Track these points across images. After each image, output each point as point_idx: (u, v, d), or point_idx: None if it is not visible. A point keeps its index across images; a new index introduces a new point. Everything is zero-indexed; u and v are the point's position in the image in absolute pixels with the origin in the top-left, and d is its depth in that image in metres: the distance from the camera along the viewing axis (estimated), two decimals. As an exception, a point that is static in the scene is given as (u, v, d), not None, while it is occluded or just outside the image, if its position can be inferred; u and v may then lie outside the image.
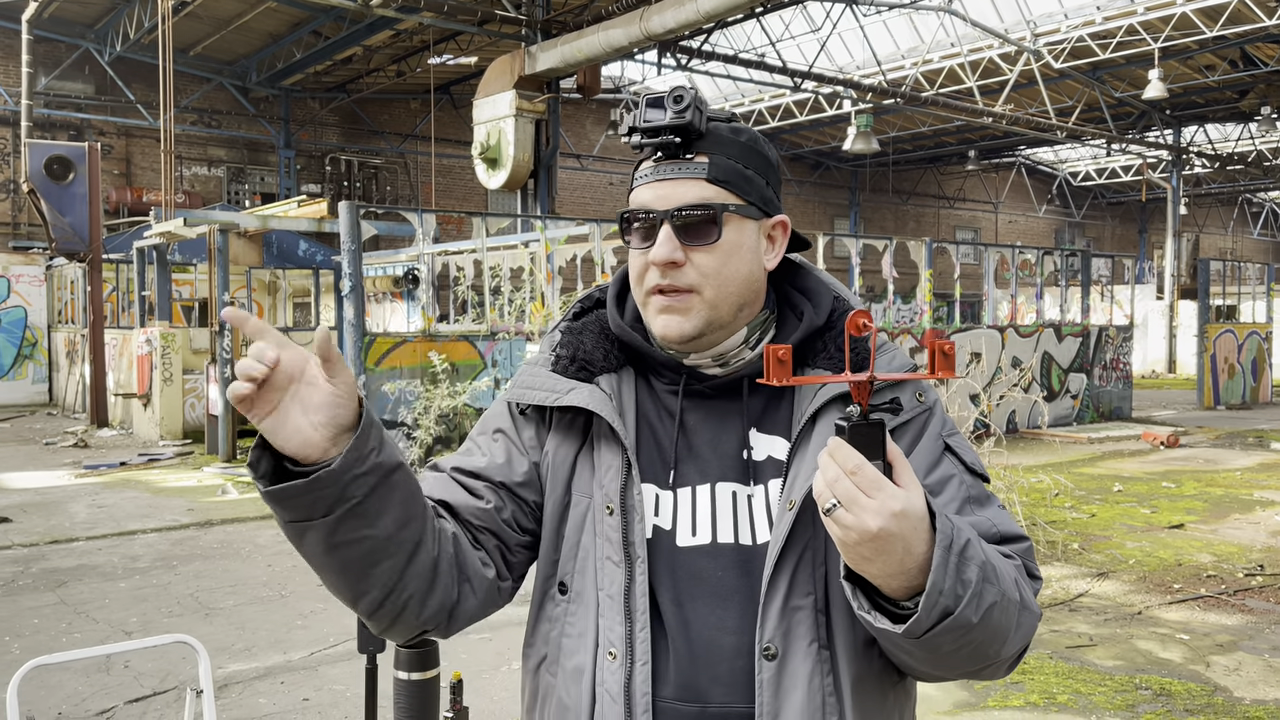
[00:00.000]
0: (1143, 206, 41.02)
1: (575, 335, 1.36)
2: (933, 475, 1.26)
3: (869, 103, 23.75)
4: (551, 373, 1.33)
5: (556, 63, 14.89)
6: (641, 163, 1.28)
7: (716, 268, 1.23)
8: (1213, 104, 26.54)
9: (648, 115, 1.22)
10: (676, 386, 1.31)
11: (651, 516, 1.27)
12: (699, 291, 1.23)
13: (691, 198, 1.22)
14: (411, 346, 9.69)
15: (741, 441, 1.28)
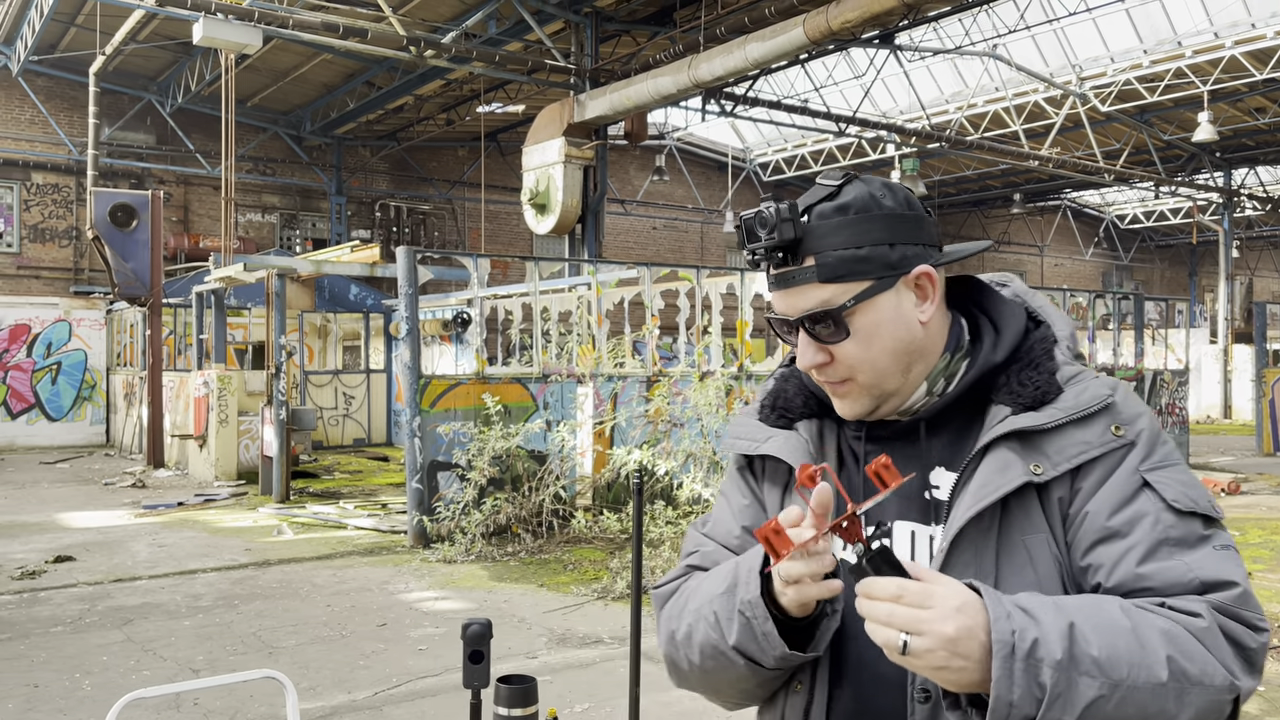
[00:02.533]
0: (1192, 249, 40.48)
1: (782, 382, 1.43)
2: (1119, 515, 1.20)
3: (913, 147, 23.81)
4: (758, 421, 1.41)
5: (605, 110, 15.14)
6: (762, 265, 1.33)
7: (860, 355, 1.25)
8: (1264, 146, 26.25)
9: (750, 239, 1.27)
10: (861, 432, 1.36)
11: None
12: (852, 379, 1.27)
13: (810, 305, 1.25)
14: (465, 389, 9.79)
15: (924, 481, 1.30)
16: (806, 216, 1.24)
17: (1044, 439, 1.22)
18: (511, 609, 7.10)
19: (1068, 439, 1.22)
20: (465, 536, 8.89)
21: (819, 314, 1.24)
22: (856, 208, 1.25)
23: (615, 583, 7.46)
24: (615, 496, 10.01)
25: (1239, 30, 19.87)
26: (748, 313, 11.51)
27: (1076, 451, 1.21)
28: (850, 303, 1.24)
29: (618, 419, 10.01)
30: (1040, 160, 22.72)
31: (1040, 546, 1.21)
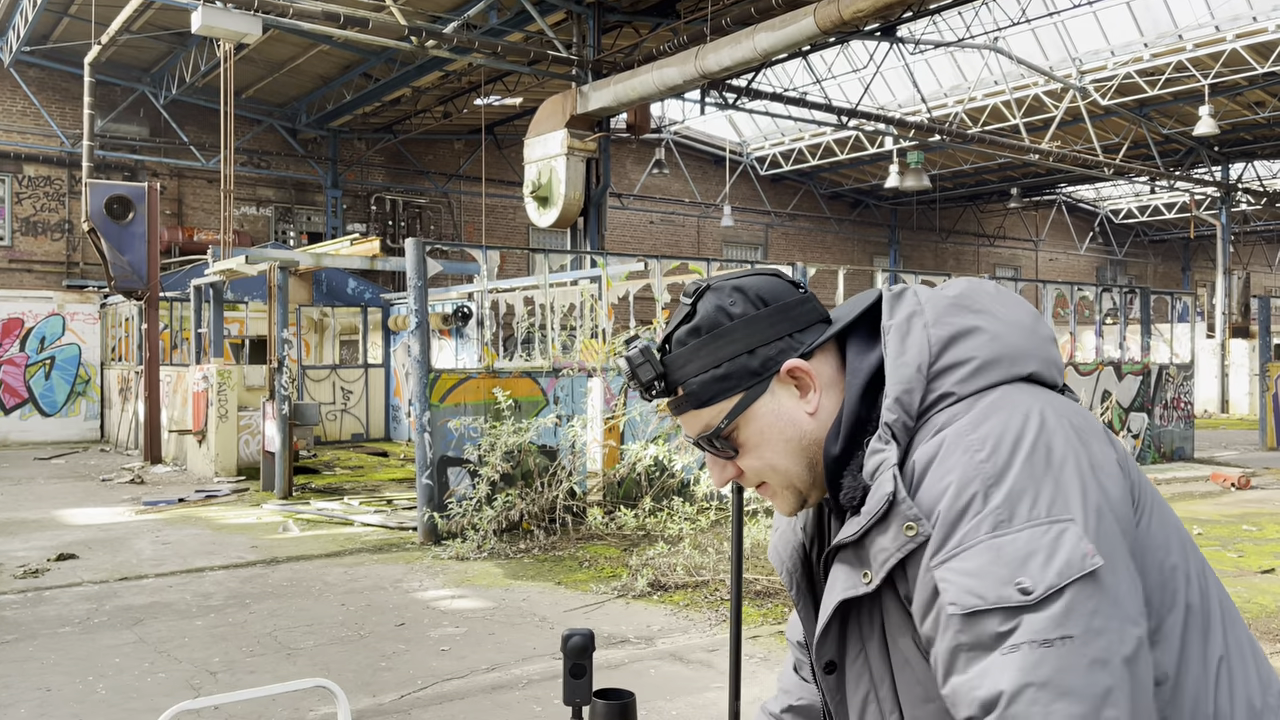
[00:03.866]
0: (1185, 244, 40.57)
1: None
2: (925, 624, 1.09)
3: (912, 140, 23.72)
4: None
5: (609, 102, 14.97)
6: None
7: (758, 464, 1.26)
8: (1261, 140, 26.26)
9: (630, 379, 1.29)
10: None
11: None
12: (766, 484, 1.27)
13: (695, 430, 1.27)
14: (475, 383, 9.64)
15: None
16: (668, 346, 1.24)
17: (863, 546, 1.15)
18: (531, 608, 6.96)
19: (875, 546, 1.13)
20: (477, 533, 8.74)
21: (706, 437, 1.26)
22: (706, 327, 1.23)
23: (635, 580, 7.33)
24: (627, 492, 9.87)
25: (1240, 23, 19.83)
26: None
27: (883, 559, 1.12)
28: (724, 423, 1.24)
29: (630, 413, 9.86)
30: (1040, 154, 22.65)
31: (909, 647, 1.16)
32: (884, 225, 35.42)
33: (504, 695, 5.18)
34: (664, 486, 9.59)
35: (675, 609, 6.84)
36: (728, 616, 6.61)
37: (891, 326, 1.19)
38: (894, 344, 1.17)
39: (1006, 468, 1.04)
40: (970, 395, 1.13)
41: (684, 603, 6.97)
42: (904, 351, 1.16)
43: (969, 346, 1.15)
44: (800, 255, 32.61)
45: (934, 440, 1.10)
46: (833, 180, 32.49)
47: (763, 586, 7.18)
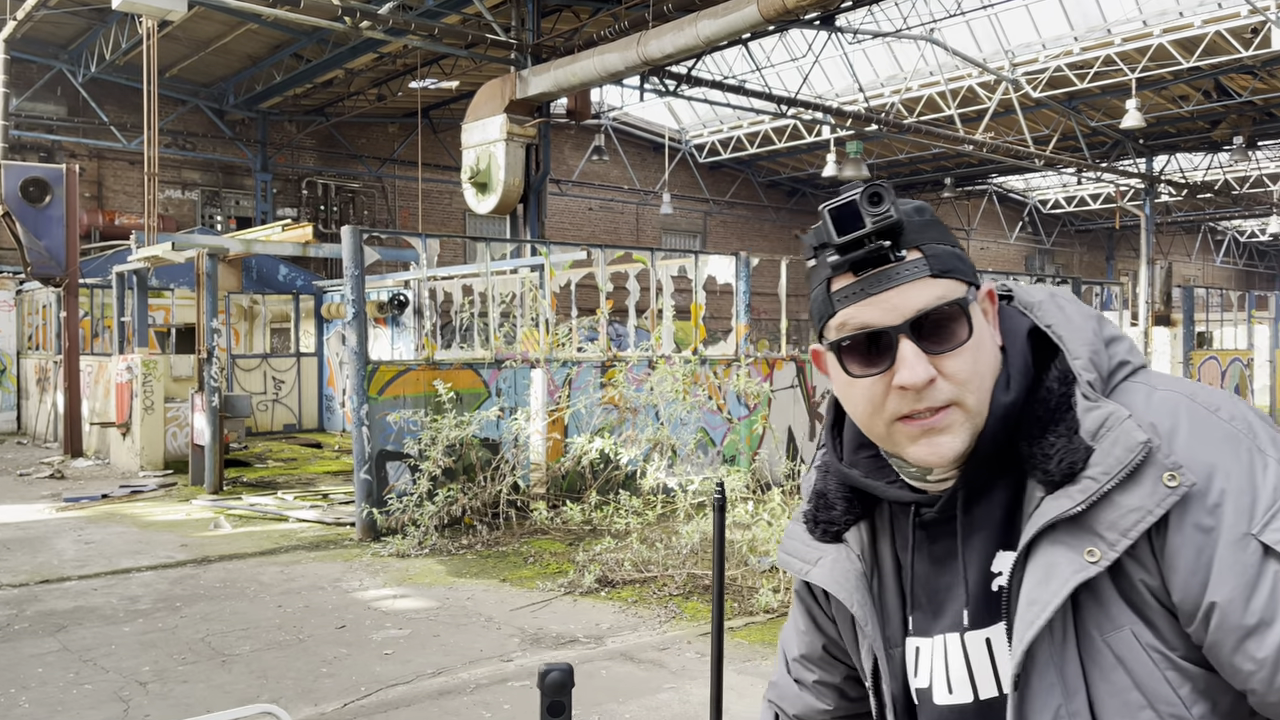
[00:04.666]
0: (1110, 234, 41.68)
1: (824, 480, 1.23)
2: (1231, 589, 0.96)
3: (849, 129, 23.87)
4: (805, 532, 1.24)
5: (549, 87, 14.75)
6: (831, 280, 1.07)
7: (971, 369, 1.04)
8: (1185, 134, 27.01)
9: (842, 227, 1.03)
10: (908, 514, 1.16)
11: (911, 677, 1.16)
12: (959, 403, 1.04)
13: (926, 301, 1.03)
14: (415, 375, 9.41)
15: (984, 570, 1.11)
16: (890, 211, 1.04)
17: (1092, 515, 1.00)
18: (476, 607, 6.81)
19: (1116, 510, 0.99)
20: (418, 529, 8.55)
21: (942, 308, 1.03)
22: (929, 212, 1.08)
23: (582, 577, 7.22)
24: (571, 485, 9.75)
25: (1167, 18, 20.30)
26: (701, 296, 11.32)
27: (1132, 522, 0.98)
28: (970, 297, 1.05)
29: (576, 406, 9.73)
30: (974, 144, 22.98)
31: (1127, 644, 1.01)
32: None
33: (451, 701, 5.04)
34: (609, 480, 9.49)
35: (624, 606, 6.76)
36: (677, 613, 6.55)
37: (1039, 301, 1.13)
38: (1055, 313, 1.11)
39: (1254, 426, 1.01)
40: (1142, 366, 1.09)
41: (633, 599, 6.89)
42: (1071, 320, 1.09)
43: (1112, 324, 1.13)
44: (738, 243, 32.72)
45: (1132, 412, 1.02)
46: (770, 169, 32.62)
47: (710, 583, 7.13)
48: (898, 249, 1.04)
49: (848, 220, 1.03)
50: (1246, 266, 48.67)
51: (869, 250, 1.03)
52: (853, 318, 1.05)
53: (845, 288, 1.06)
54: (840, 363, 1.08)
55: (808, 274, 1.12)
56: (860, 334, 1.05)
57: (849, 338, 1.06)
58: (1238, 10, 18.96)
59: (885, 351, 1.04)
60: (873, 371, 1.05)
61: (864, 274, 1.05)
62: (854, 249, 1.03)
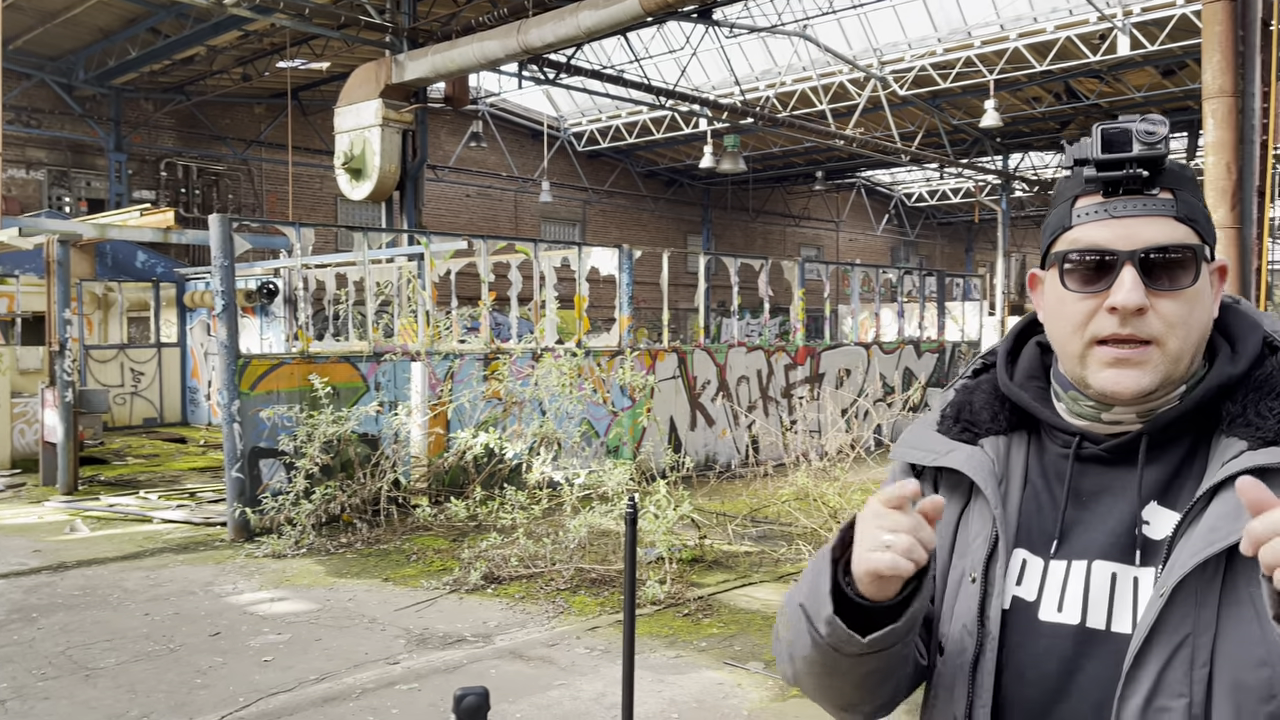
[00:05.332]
0: (970, 227, 43.61)
1: (967, 394, 1.30)
2: None
3: (725, 122, 24.21)
4: (936, 433, 1.28)
5: (426, 72, 14.44)
6: (1078, 197, 1.14)
7: (1184, 316, 1.10)
8: (1037, 133, 28.45)
9: (1109, 147, 1.10)
10: (1068, 450, 1.19)
11: (1013, 586, 1.17)
12: (1161, 343, 1.10)
13: (1163, 238, 1.10)
14: (289, 369, 9.09)
15: (1134, 515, 1.14)
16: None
17: None
18: (359, 608, 6.65)
19: None
20: (295, 528, 8.28)
21: (1177, 248, 1.09)
22: (1192, 170, 1.16)
23: (468, 574, 7.14)
24: (455, 480, 9.61)
25: (1022, 23, 21.32)
26: (584, 288, 11.31)
27: None
28: (1205, 251, 1.12)
29: (459, 400, 9.59)
30: (845, 139, 23.65)
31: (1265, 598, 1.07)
32: (698, 204, 36.12)
33: (337, 708, 4.91)
34: (494, 474, 9.40)
35: (511, 602, 6.72)
36: (564, 608, 6.55)
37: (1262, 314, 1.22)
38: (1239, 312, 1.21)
39: None
40: None
41: (520, 595, 6.85)
42: None
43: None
44: (618, 232, 32.81)
45: None
46: (649, 159, 32.80)
47: (598, 575, 7.16)
48: (1153, 184, 1.10)
49: (1117, 143, 1.09)
50: (1092, 259, 51.73)
51: (1126, 174, 1.09)
52: (1087, 234, 1.12)
53: (1090, 205, 1.12)
54: (1061, 277, 1.14)
55: (1057, 187, 1.19)
56: (1090, 252, 1.11)
57: (1077, 252, 1.12)
58: (1087, 17, 20.08)
59: (1107, 274, 1.10)
60: (1090, 290, 1.11)
61: (1113, 198, 1.11)
62: (1113, 169, 1.09)
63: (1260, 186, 7.65)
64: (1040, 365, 1.27)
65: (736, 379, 13.26)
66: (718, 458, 12.82)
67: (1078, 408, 1.18)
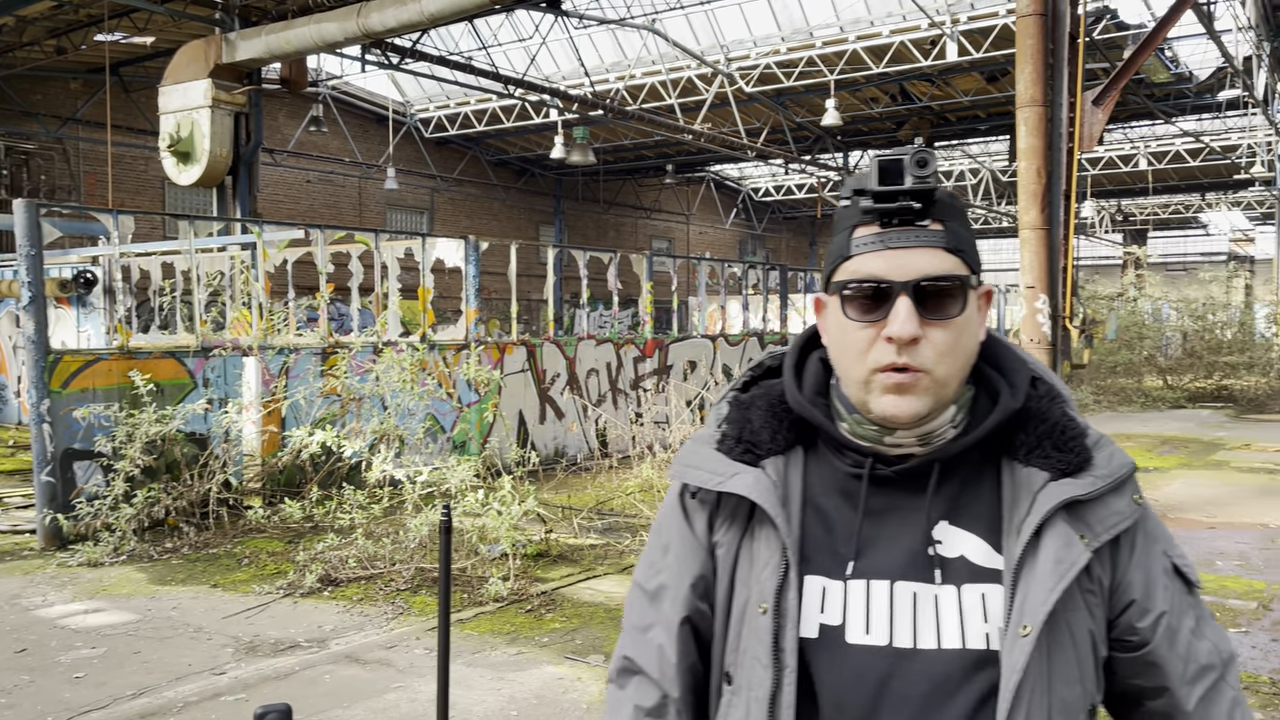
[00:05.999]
0: (813, 221, 45.11)
1: (742, 410, 1.29)
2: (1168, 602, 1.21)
3: (575, 113, 24.17)
4: (716, 452, 1.27)
5: (260, 52, 13.80)
6: (856, 227, 1.18)
7: (951, 345, 1.16)
8: (875, 132, 29.66)
9: (885, 178, 1.14)
10: (859, 469, 1.21)
11: (816, 614, 1.18)
12: (931, 371, 1.15)
13: (934, 268, 1.15)
14: (107, 365, 8.54)
15: (925, 534, 1.19)
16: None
17: (1086, 509, 1.18)
18: (183, 617, 6.32)
19: (1107, 509, 1.19)
20: (114, 535, 7.80)
21: (947, 278, 1.14)
22: (959, 200, 1.21)
23: (303, 577, 6.90)
24: (291, 480, 9.26)
25: (860, 26, 22.16)
26: (429, 279, 11.08)
27: (1114, 522, 1.19)
28: (972, 280, 1.18)
29: (294, 397, 9.23)
30: (693, 134, 24.01)
31: (1080, 624, 1.17)
32: (550, 195, 35.97)
33: (156, 725, 4.65)
34: (332, 473, 9.10)
35: (349, 605, 6.53)
36: (404, 609, 6.42)
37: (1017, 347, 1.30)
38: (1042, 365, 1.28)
39: None
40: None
41: (358, 597, 6.67)
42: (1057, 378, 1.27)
43: None
44: (468, 221, 32.33)
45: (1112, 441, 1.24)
46: (499, 147, 32.41)
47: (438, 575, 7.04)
48: (925, 215, 1.15)
49: (892, 174, 1.14)
50: (925, 253, 54.42)
51: (900, 206, 1.13)
52: (865, 265, 1.16)
53: (868, 235, 1.16)
54: (842, 306, 1.18)
55: (837, 215, 1.22)
56: (867, 283, 1.15)
57: (856, 283, 1.16)
58: (919, 23, 21.05)
59: (884, 304, 1.14)
60: (868, 319, 1.15)
61: (889, 228, 1.15)
62: (888, 201, 1.14)
63: (1067, 190, 8.20)
64: (824, 383, 1.28)
65: (586, 372, 13.29)
66: (566, 451, 12.83)
67: (861, 430, 1.21)
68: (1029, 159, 8.09)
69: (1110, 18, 19.47)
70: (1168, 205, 45.40)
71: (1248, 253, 46.59)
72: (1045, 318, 8.11)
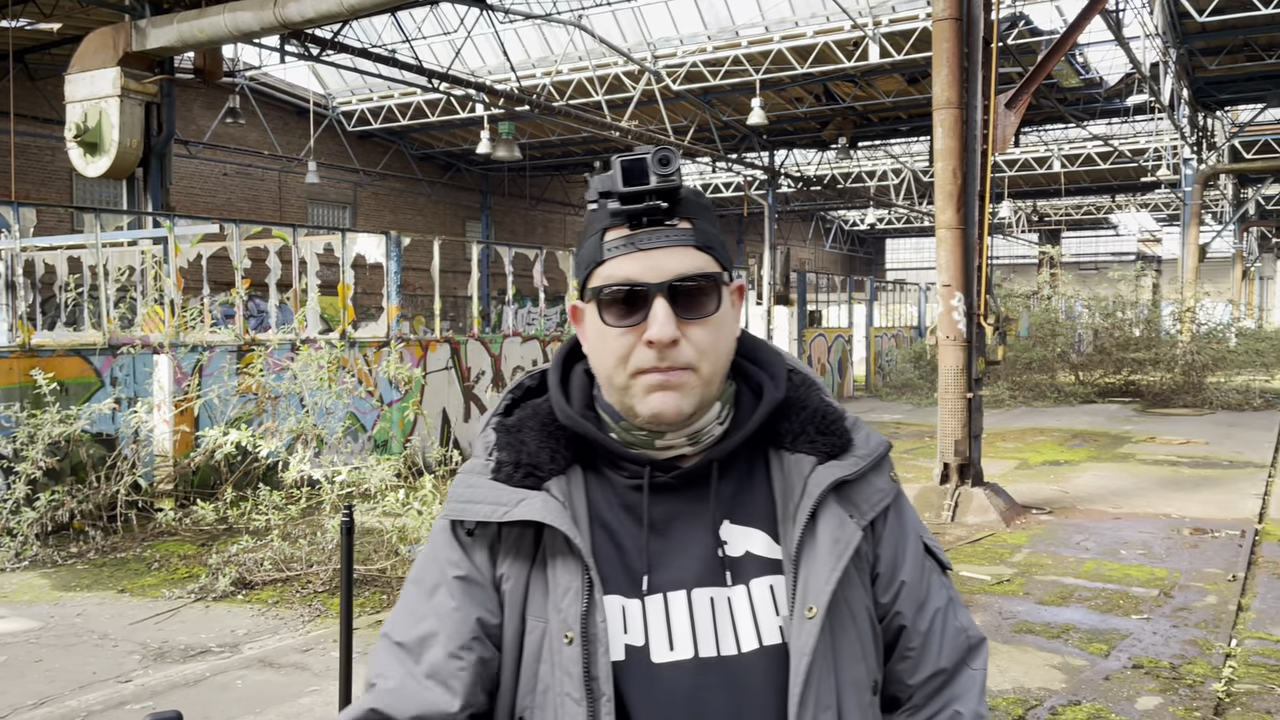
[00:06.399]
0: (741, 220, 45.53)
1: (513, 435, 1.22)
2: (915, 576, 1.24)
3: (501, 108, 23.99)
4: (494, 482, 1.19)
5: (173, 40, 13.39)
6: (606, 230, 1.16)
7: (711, 342, 1.15)
8: (800, 132, 30.04)
9: (629, 179, 1.12)
10: (639, 480, 1.18)
11: (620, 635, 1.14)
12: (695, 369, 1.13)
13: (687, 268, 1.13)
14: (7, 364, 8.19)
15: (713, 538, 1.17)
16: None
17: (852, 488, 1.19)
18: (88, 623, 6.10)
19: (870, 487, 1.21)
20: (15, 539, 7.50)
21: (700, 277, 1.13)
22: (704, 197, 1.20)
23: (216, 580, 6.72)
24: (204, 481, 9.01)
25: (785, 27, 22.42)
26: (349, 275, 10.89)
27: (877, 499, 1.21)
28: (724, 276, 1.17)
29: (208, 395, 8.98)
30: (621, 131, 24.01)
31: (858, 602, 1.18)
32: (476, 190, 35.65)
33: (56, 737, 4.48)
34: (248, 473, 8.88)
35: (264, 608, 6.38)
36: (322, 611, 6.30)
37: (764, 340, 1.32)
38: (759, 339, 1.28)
39: None
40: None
41: (274, 600, 6.52)
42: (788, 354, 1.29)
43: None
44: (392, 217, 31.85)
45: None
46: (424, 142, 31.99)
47: (359, 574, 6.92)
48: (672, 214, 1.13)
49: (636, 174, 1.12)
50: (850, 252, 55.36)
51: (647, 206, 1.12)
52: (619, 269, 1.13)
53: (618, 238, 1.14)
54: (599, 312, 1.15)
55: (586, 219, 1.19)
56: (622, 287, 1.12)
57: (611, 288, 1.13)
58: (842, 25, 21.37)
59: (641, 307, 1.12)
60: (627, 324, 1.13)
61: (638, 229, 1.13)
62: (634, 202, 1.12)
63: (982, 191, 8.41)
64: (591, 395, 1.24)
65: (512, 369, 13.20)
66: (491, 448, 12.70)
67: (631, 437, 1.18)
68: (945, 160, 8.27)
69: (1024, 23, 20.03)
70: (1080, 206, 46.95)
71: (1155, 253, 48.41)
72: (961, 315, 8.31)
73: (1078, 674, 5.11)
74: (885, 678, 1.24)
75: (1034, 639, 5.65)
